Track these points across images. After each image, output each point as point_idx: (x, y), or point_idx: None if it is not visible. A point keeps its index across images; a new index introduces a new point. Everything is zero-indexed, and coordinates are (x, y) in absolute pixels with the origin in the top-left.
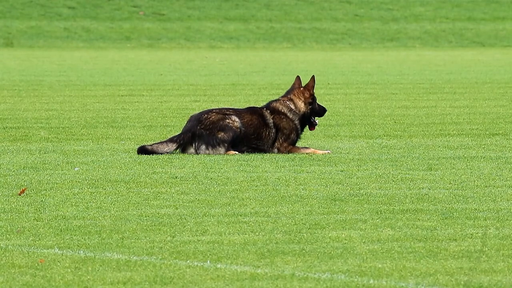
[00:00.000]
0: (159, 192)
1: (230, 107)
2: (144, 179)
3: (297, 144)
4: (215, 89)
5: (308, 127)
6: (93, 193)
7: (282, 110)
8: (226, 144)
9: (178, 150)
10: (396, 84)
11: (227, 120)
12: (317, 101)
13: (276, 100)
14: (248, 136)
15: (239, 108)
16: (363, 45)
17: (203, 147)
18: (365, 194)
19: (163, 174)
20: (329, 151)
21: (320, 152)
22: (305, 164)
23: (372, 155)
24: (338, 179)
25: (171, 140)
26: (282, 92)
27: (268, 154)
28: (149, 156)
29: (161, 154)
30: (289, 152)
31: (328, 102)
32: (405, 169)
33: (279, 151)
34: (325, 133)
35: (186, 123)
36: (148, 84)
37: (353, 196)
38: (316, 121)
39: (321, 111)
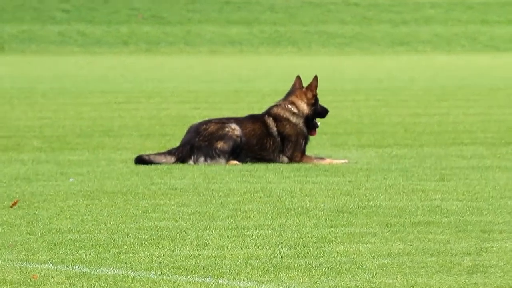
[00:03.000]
0: (158, 204)
1: (231, 116)
2: (142, 191)
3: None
4: (217, 96)
5: (309, 131)
6: (89, 205)
7: (285, 116)
8: (226, 155)
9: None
10: (406, 90)
11: (226, 129)
12: (319, 102)
13: (277, 105)
14: (251, 146)
15: (240, 117)
16: (372, 50)
17: (202, 159)
18: (374, 206)
19: (162, 185)
20: (347, 161)
21: (338, 161)
22: (311, 174)
23: (382, 165)
24: (346, 190)
25: (170, 152)
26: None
27: (272, 164)
28: (147, 167)
29: (159, 164)
30: (301, 162)
31: (335, 110)
32: (416, 179)
33: (290, 160)
34: (332, 142)
35: (185, 135)
36: (146, 91)
37: (361, 208)
38: (318, 123)
39: (323, 113)
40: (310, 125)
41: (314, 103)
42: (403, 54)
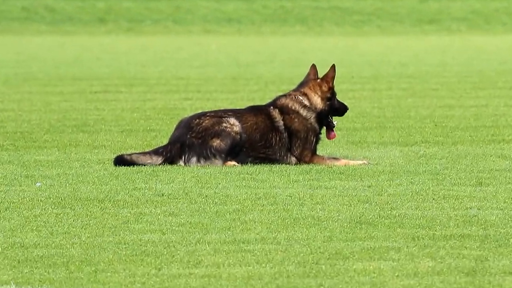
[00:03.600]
0: (141, 213)
1: (229, 108)
2: (122, 197)
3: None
4: (211, 83)
5: (326, 134)
6: (59, 214)
7: (294, 107)
8: (223, 154)
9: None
10: (437, 77)
11: (224, 124)
12: (336, 97)
13: (285, 95)
14: (253, 144)
15: (240, 108)
16: (396, 29)
17: (194, 159)
18: (399, 215)
19: (146, 190)
20: (366, 161)
21: (356, 162)
22: (323, 177)
23: (407, 167)
24: (365, 196)
25: (156, 152)
26: (294, 87)
27: (277, 166)
28: (129, 168)
29: (143, 165)
30: (311, 162)
31: (352, 101)
32: (449, 184)
33: (299, 161)
34: (349, 138)
35: (174, 130)
36: (127, 78)
37: (383, 218)
38: (334, 122)
39: (341, 109)
40: (324, 123)
41: (330, 97)
42: (433, 34)
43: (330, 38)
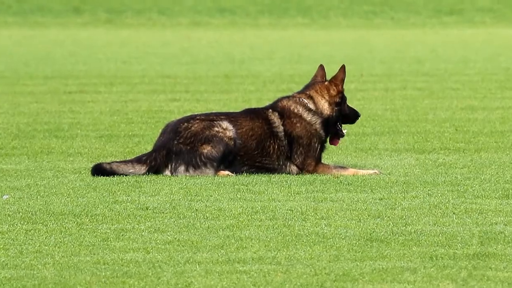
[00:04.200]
0: (123, 230)
1: (222, 111)
2: (101, 211)
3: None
4: (202, 83)
5: (330, 139)
6: (30, 231)
7: (296, 111)
8: (215, 163)
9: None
10: (457, 75)
11: (216, 129)
12: (347, 102)
13: (288, 97)
14: (249, 151)
15: (234, 111)
16: (411, 21)
17: (182, 168)
18: (414, 232)
19: (128, 203)
20: (378, 171)
21: (366, 172)
22: (329, 189)
23: (424, 177)
24: (376, 211)
25: (139, 160)
26: (297, 88)
27: (276, 176)
28: (108, 179)
29: (125, 175)
30: (315, 172)
31: (361, 102)
32: (471, 196)
33: (301, 170)
34: (358, 145)
35: (160, 136)
36: (106, 76)
37: (397, 235)
38: (344, 131)
39: (351, 116)
40: (331, 131)
41: (339, 102)
42: (453, 27)
43: (336, 31)
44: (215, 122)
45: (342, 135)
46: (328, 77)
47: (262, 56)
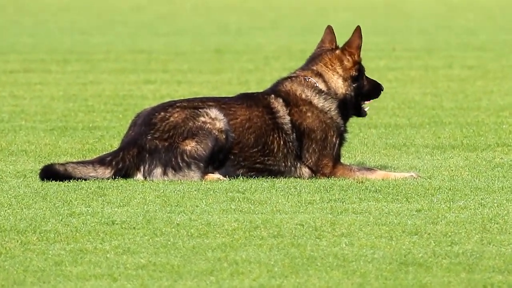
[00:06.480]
0: (81, 251)
1: (210, 96)
2: (53, 227)
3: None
4: (185, 60)
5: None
6: None
7: (304, 95)
8: (200, 164)
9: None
10: None
11: (202, 119)
12: (365, 74)
13: (290, 78)
14: (246, 149)
15: (226, 96)
16: None
17: (158, 171)
18: (462, 253)
19: (89, 216)
20: (415, 174)
21: (399, 175)
22: (350, 197)
23: (476, 181)
24: (413, 225)
25: (102, 161)
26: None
27: (282, 181)
28: (62, 184)
29: (84, 179)
30: (333, 175)
31: (393, 84)
32: None
33: (314, 173)
34: (387, 140)
35: (129, 129)
36: (60, 51)
37: (440, 258)
38: (366, 109)
39: (372, 90)
40: (350, 113)
41: (356, 76)
42: None
43: None
44: (200, 110)
45: (365, 114)
46: (340, 43)
47: (264, 26)
